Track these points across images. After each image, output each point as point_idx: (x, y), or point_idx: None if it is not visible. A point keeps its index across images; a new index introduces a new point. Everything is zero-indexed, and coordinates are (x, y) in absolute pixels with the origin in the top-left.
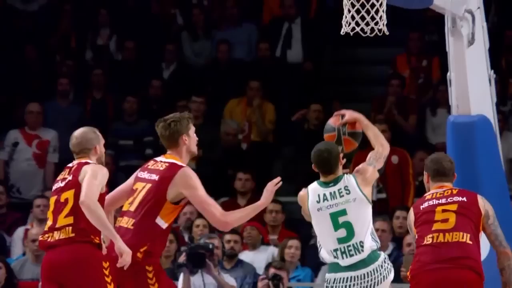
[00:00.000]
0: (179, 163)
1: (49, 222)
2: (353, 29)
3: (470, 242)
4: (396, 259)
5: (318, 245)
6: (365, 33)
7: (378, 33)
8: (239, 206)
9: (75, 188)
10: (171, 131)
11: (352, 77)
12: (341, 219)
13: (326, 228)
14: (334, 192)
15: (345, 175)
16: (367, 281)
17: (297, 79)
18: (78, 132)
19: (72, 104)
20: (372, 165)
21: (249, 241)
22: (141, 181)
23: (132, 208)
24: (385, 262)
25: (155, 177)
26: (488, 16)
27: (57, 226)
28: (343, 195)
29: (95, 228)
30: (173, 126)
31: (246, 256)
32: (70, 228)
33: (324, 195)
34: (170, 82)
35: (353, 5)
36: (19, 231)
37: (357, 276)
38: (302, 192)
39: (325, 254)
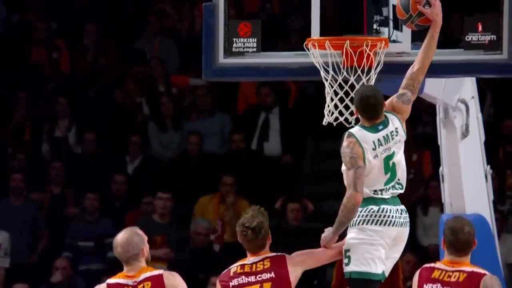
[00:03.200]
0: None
1: None
2: (336, 119)
3: None
4: None
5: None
6: (350, 123)
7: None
8: None
9: None
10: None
11: (336, 172)
12: (390, 162)
13: (376, 172)
14: (387, 135)
15: (388, 115)
16: (404, 218)
17: (275, 174)
18: (121, 239)
19: (26, 202)
20: (408, 102)
21: None
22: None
23: None
24: None
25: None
26: (483, 107)
27: None
28: (393, 137)
29: None
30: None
31: None
32: None
33: (379, 140)
34: (134, 177)
35: (336, 93)
36: None
37: (397, 210)
38: (352, 145)
39: (364, 190)
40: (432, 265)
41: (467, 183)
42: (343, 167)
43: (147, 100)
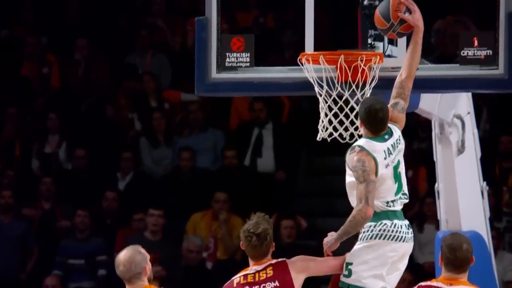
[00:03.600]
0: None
1: None
2: (331, 134)
3: None
4: None
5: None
6: (344, 139)
7: (358, 139)
8: None
9: None
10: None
11: (330, 189)
12: (397, 170)
13: (388, 181)
14: (393, 144)
15: (389, 124)
16: (411, 233)
17: (268, 190)
18: (123, 258)
19: (16, 219)
20: (402, 111)
21: None
22: None
23: None
24: None
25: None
26: (479, 123)
27: None
28: (398, 146)
29: None
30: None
31: None
32: None
33: (388, 149)
34: (126, 194)
35: (330, 109)
36: None
37: (405, 225)
38: (364, 158)
39: (377, 203)
40: (429, 283)
41: (463, 200)
42: (349, 180)
43: (138, 116)
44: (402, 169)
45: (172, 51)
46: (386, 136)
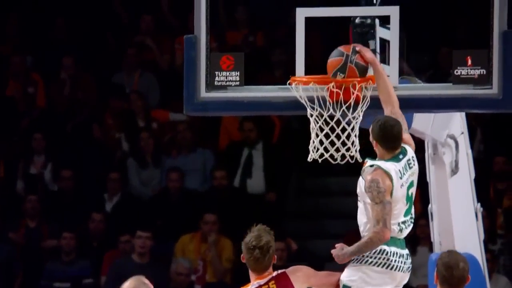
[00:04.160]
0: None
1: None
2: (322, 155)
3: None
4: None
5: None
6: (335, 160)
7: (350, 160)
8: None
9: None
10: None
11: (321, 211)
12: (409, 191)
13: (401, 202)
14: (406, 164)
15: (403, 144)
16: (409, 263)
17: (258, 212)
18: None
19: (0, 242)
20: (406, 131)
21: None
22: None
23: None
24: None
25: None
26: (473, 143)
27: None
28: (412, 166)
29: None
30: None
31: None
32: None
33: (403, 168)
34: (113, 216)
35: (321, 129)
36: None
37: (404, 255)
38: (379, 178)
39: None
40: None
41: (457, 222)
42: (363, 201)
43: (126, 136)
44: (413, 190)
45: (160, 70)
46: (401, 156)
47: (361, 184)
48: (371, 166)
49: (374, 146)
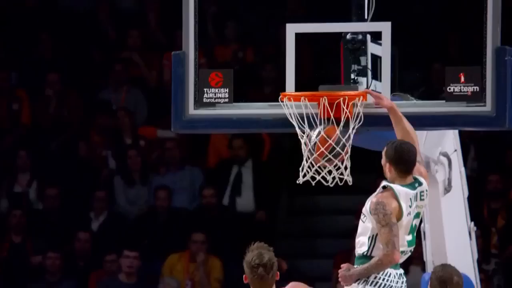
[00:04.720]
0: None
1: None
2: (314, 178)
3: None
4: None
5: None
6: (327, 181)
7: (339, 182)
8: None
9: None
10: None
11: (312, 230)
12: (414, 222)
13: (402, 230)
14: (418, 193)
15: (417, 176)
16: (403, 282)
17: (247, 231)
18: None
19: None
20: (421, 162)
21: None
22: None
23: None
24: None
25: None
26: (466, 161)
27: None
28: (423, 198)
29: None
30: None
31: None
32: None
33: (414, 197)
34: (99, 235)
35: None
36: None
37: (398, 274)
38: (386, 200)
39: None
40: None
41: (450, 241)
42: (368, 222)
43: (113, 153)
44: (417, 222)
45: (147, 86)
46: (416, 185)
47: (367, 204)
48: (384, 187)
49: (386, 169)
